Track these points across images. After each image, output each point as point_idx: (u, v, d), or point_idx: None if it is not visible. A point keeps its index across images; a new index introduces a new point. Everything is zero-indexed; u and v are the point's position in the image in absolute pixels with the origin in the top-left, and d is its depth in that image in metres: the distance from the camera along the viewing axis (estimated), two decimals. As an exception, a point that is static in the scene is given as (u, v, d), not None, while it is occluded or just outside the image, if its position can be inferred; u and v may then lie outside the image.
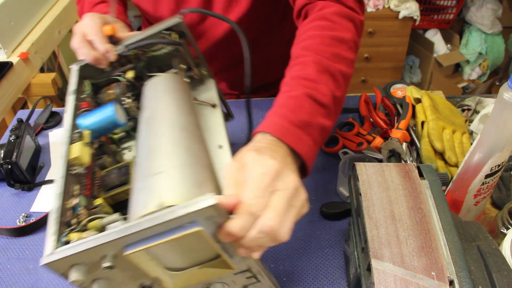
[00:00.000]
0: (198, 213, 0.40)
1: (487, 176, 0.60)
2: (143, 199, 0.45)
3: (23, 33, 1.45)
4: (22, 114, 1.01)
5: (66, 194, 0.50)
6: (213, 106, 0.70)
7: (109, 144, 0.67)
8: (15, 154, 0.80)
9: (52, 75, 1.44)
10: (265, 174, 0.44)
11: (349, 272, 0.64)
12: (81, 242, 0.43)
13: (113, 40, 0.68)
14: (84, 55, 0.66)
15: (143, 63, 0.71)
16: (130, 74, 0.69)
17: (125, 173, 0.59)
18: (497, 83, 2.49)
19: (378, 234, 0.50)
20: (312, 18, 0.66)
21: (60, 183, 0.51)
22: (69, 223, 0.49)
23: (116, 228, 0.42)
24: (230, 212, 0.43)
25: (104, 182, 0.59)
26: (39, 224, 0.76)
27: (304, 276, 0.67)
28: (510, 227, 0.61)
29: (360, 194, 0.55)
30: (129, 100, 0.67)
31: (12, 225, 0.77)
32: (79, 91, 0.65)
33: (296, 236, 0.72)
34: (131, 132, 0.70)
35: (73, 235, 0.46)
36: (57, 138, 0.94)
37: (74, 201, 0.51)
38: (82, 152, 0.55)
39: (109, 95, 0.68)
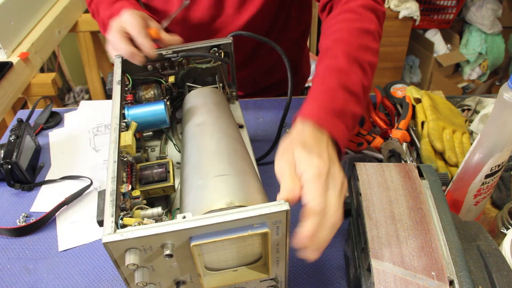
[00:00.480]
0: (270, 216, 0.44)
1: (487, 176, 0.60)
2: (209, 195, 0.49)
3: (23, 33, 1.45)
4: (22, 114, 1.01)
5: (119, 179, 0.52)
6: (241, 126, 0.73)
7: (142, 140, 0.69)
8: (15, 154, 0.80)
9: (52, 75, 1.44)
10: (320, 175, 0.48)
11: (349, 272, 0.64)
12: (148, 227, 0.44)
13: (155, 42, 0.71)
14: (122, 50, 0.67)
15: (185, 71, 0.74)
16: (171, 79, 0.72)
17: (165, 170, 0.61)
18: (497, 83, 2.49)
19: (378, 234, 0.50)
20: (339, 11, 0.70)
21: (113, 167, 0.52)
22: (122, 207, 0.50)
23: (188, 218, 0.44)
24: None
25: (143, 175, 0.61)
26: (39, 224, 0.76)
27: (304, 276, 0.67)
28: (510, 227, 0.61)
29: (360, 194, 0.55)
30: (168, 103, 0.70)
31: (12, 225, 0.77)
32: (123, 82, 0.68)
33: (296, 236, 0.72)
34: (168, 133, 0.73)
35: (129, 220, 0.48)
36: (57, 137, 0.94)
37: (126, 187, 0.53)
38: (132, 141, 0.58)
39: (148, 93, 0.71)
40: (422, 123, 0.85)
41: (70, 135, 0.95)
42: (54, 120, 0.98)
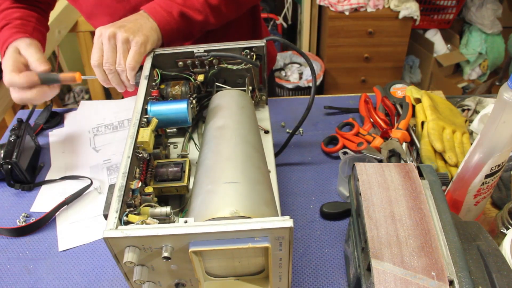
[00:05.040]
0: (273, 231, 0.43)
1: (487, 176, 0.60)
2: (216, 202, 0.48)
3: (23, 33, 1.45)
4: (22, 114, 1.01)
5: (130, 175, 0.52)
6: (266, 132, 0.73)
7: (163, 137, 0.69)
8: (15, 154, 0.80)
9: (52, 75, 1.43)
10: (99, 36, 0.71)
11: (349, 272, 0.64)
12: (149, 227, 0.44)
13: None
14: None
15: (215, 71, 0.74)
16: (201, 77, 0.73)
17: (180, 170, 0.60)
18: (497, 83, 2.49)
19: (378, 234, 0.50)
20: None
21: (125, 162, 0.52)
22: (129, 203, 0.50)
23: (189, 224, 0.44)
24: None
25: (158, 172, 0.61)
26: (39, 224, 0.76)
27: (304, 276, 0.67)
28: (510, 227, 0.61)
29: (360, 194, 0.55)
30: (194, 101, 0.70)
31: (12, 225, 0.77)
32: (150, 77, 0.68)
33: (296, 236, 0.72)
34: (190, 132, 0.73)
35: (134, 217, 0.48)
36: (57, 137, 0.94)
37: (136, 183, 0.53)
38: (150, 138, 0.57)
39: (175, 90, 0.71)
40: (422, 123, 0.85)
41: (70, 135, 0.95)
42: (54, 120, 0.98)
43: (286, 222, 0.43)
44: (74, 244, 0.73)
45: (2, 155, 0.80)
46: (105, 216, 0.48)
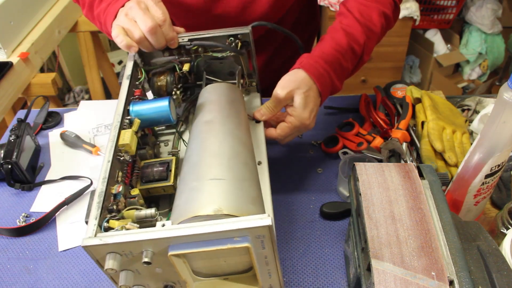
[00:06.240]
0: (252, 230, 0.42)
1: (487, 176, 0.60)
2: (199, 199, 0.47)
3: (23, 33, 1.45)
4: (22, 114, 1.01)
5: (111, 179, 0.51)
6: (257, 121, 0.71)
7: (151, 136, 0.68)
8: (15, 154, 0.80)
9: (52, 75, 1.44)
10: (295, 127, 0.71)
11: (349, 272, 0.64)
12: (127, 233, 0.43)
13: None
14: (144, 23, 0.63)
15: (201, 60, 0.72)
16: (186, 67, 0.71)
17: (166, 169, 0.59)
18: (497, 83, 2.49)
19: (378, 234, 0.50)
20: None
21: (106, 167, 0.51)
22: (110, 209, 0.49)
23: (167, 227, 0.43)
24: None
25: (144, 173, 0.59)
26: (39, 224, 0.76)
27: (304, 276, 0.67)
28: (510, 227, 0.61)
29: (360, 194, 0.55)
30: (178, 92, 0.69)
31: (12, 225, 0.77)
32: (134, 77, 0.66)
33: (296, 236, 0.72)
34: (176, 128, 0.71)
35: (114, 223, 0.47)
36: (57, 137, 0.94)
37: (117, 188, 0.51)
38: (131, 140, 0.56)
39: (160, 80, 0.69)
40: (422, 123, 0.85)
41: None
42: (54, 120, 0.98)
43: (264, 220, 0.42)
44: (74, 244, 0.73)
45: (2, 155, 0.80)
46: (87, 223, 0.47)
